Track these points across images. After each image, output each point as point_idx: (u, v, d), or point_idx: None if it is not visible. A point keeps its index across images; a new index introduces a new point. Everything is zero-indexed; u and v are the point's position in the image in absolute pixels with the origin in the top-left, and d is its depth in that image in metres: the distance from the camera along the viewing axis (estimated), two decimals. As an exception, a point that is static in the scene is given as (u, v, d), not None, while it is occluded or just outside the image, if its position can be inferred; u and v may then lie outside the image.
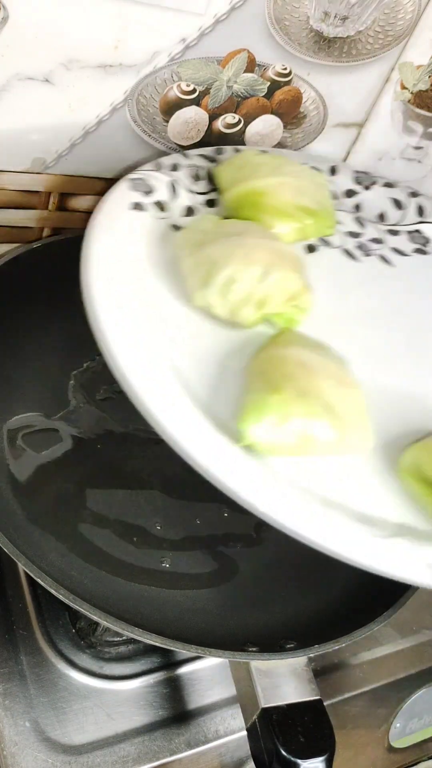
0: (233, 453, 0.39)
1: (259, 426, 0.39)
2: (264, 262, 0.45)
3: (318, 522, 0.37)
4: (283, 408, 0.39)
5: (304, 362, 0.42)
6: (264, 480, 0.39)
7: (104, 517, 0.49)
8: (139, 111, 0.54)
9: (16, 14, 0.45)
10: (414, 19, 0.55)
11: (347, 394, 0.42)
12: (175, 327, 0.46)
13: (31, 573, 0.40)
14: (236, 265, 0.45)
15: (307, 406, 0.40)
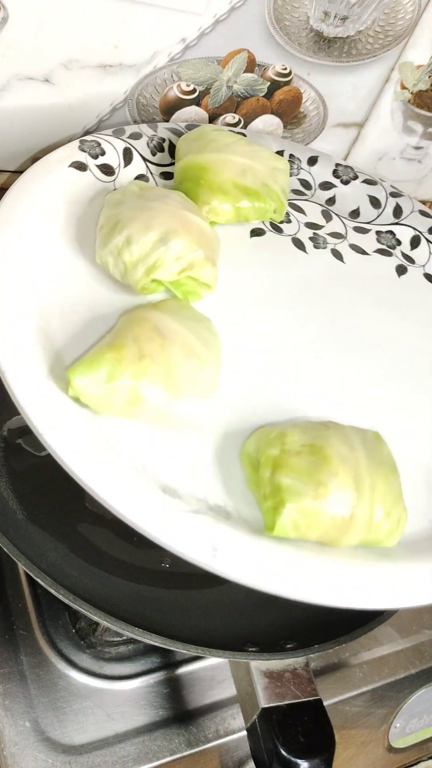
0: (57, 402, 0.39)
1: (85, 378, 0.39)
2: (164, 228, 0.45)
3: (118, 484, 0.37)
4: (115, 365, 0.39)
5: (161, 328, 0.42)
6: (78, 434, 0.38)
7: (104, 517, 0.49)
8: (139, 111, 0.54)
9: (16, 14, 0.45)
10: (414, 19, 0.55)
11: (193, 368, 0.41)
12: (68, 280, 0.46)
13: (31, 573, 0.40)
14: (135, 227, 0.45)
15: (141, 369, 0.39)
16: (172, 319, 0.43)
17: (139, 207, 0.46)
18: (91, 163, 0.51)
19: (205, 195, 0.50)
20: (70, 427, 0.38)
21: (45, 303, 0.43)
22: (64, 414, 0.38)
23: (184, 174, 0.52)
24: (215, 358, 0.43)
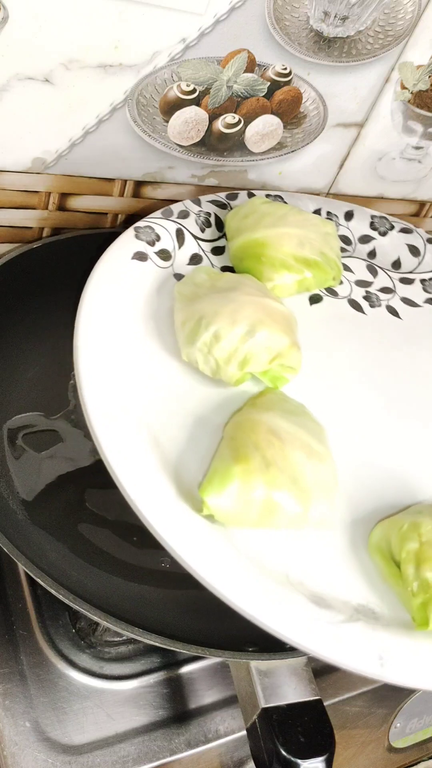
0: (192, 523, 0.38)
1: (220, 496, 0.38)
2: (250, 320, 0.45)
3: (271, 605, 0.36)
4: (245, 478, 0.38)
5: (276, 430, 0.41)
6: (219, 554, 0.37)
7: (104, 517, 0.49)
8: (139, 111, 0.54)
9: (16, 14, 0.45)
10: (414, 19, 0.55)
11: (316, 467, 0.41)
12: (160, 383, 0.45)
13: (31, 573, 0.40)
14: (222, 322, 0.44)
15: (271, 478, 0.39)
16: (279, 417, 0.43)
17: (218, 300, 0.46)
18: (150, 252, 0.51)
19: (268, 272, 0.51)
20: (210, 549, 0.37)
21: (146, 414, 0.43)
22: (200, 536, 0.38)
23: (244, 252, 0.52)
24: (329, 451, 0.43)
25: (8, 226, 0.58)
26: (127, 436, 0.40)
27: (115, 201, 0.61)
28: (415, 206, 0.74)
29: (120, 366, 0.44)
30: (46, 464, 0.51)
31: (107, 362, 0.44)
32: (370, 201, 0.71)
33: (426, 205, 0.74)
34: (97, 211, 0.61)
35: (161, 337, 0.48)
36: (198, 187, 0.62)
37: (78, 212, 0.60)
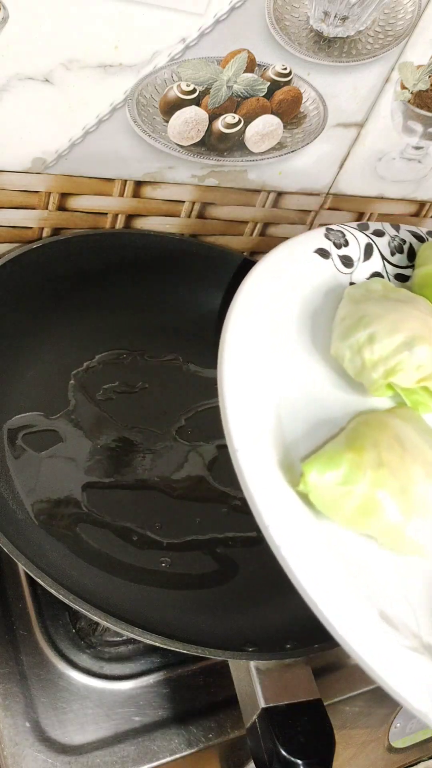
0: (284, 495, 0.36)
1: (322, 475, 0.36)
2: (412, 333, 0.42)
3: (337, 598, 0.34)
4: (354, 468, 0.37)
5: (403, 439, 0.39)
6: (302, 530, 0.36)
7: (104, 517, 0.49)
8: (139, 111, 0.54)
9: (16, 14, 0.45)
10: (414, 19, 0.55)
11: (431, 488, 0.38)
12: (300, 380, 0.44)
13: (31, 573, 0.40)
14: (382, 325, 0.43)
15: (380, 477, 0.37)
16: (412, 429, 0.41)
17: (386, 307, 0.45)
18: (334, 253, 0.51)
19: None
20: (295, 523, 0.36)
21: (279, 391, 0.42)
22: (290, 508, 0.36)
23: (426, 279, 0.51)
24: None
25: (8, 226, 0.58)
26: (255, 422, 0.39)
27: (115, 201, 0.61)
28: (415, 206, 0.74)
29: (264, 354, 0.43)
30: (46, 464, 0.51)
31: (253, 343, 0.43)
32: (370, 201, 0.71)
33: (426, 205, 0.74)
34: (97, 211, 0.61)
35: (313, 335, 0.47)
36: (198, 187, 0.62)
37: (78, 212, 0.60)
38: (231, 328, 0.42)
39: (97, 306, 0.61)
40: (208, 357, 0.63)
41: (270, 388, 0.42)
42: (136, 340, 0.61)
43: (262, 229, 0.69)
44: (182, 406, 0.58)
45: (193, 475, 0.54)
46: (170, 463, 0.54)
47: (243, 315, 0.43)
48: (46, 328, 0.58)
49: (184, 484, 0.54)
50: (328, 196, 0.68)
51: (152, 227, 0.64)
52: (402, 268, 0.54)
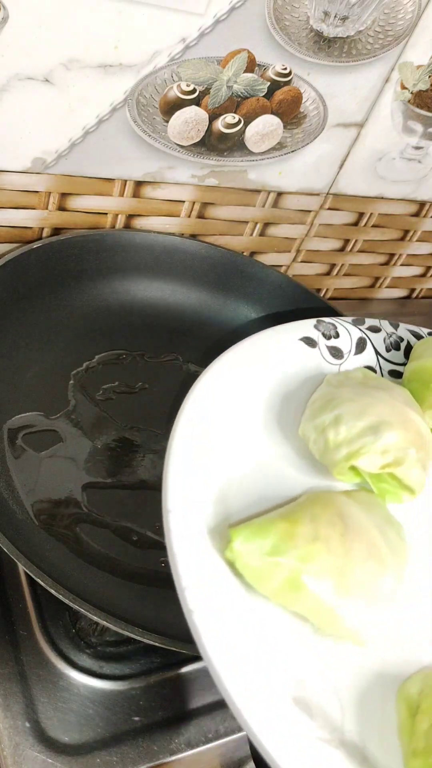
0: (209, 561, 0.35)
1: (248, 544, 0.35)
2: (378, 418, 0.41)
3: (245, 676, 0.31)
4: (284, 539, 0.35)
5: (347, 516, 0.37)
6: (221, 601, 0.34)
7: (104, 517, 0.49)
8: (139, 111, 0.54)
9: (16, 14, 0.45)
10: (414, 19, 0.55)
11: (373, 571, 0.36)
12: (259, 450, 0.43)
13: (31, 573, 0.40)
14: (349, 408, 0.42)
15: (312, 552, 0.35)
16: (361, 510, 0.39)
17: (359, 392, 0.45)
18: (321, 342, 0.52)
19: (430, 397, 0.48)
20: (216, 591, 0.34)
21: (233, 464, 0.41)
22: (211, 574, 0.34)
23: (414, 374, 0.51)
24: (398, 568, 0.38)
25: (8, 226, 0.58)
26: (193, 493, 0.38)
27: (115, 201, 0.61)
28: (415, 206, 0.74)
29: (224, 426, 0.42)
30: (46, 464, 0.50)
31: (213, 414, 0.42)
32: (370, 201, 0.71)
33: (426, 205, 0.74)
34: (97, 211, 0.61)
35: (285, 416, 0.46)
36: (198, 187, 0.62)
37: (78, 212, 0.60)
38: (193, 397, 0.42)
39: (97, 306, 0.61)
40: (208, 357, 0.63)
41: (222, 460, 0.41)
42: (136, 340, 0.61)
43: (262, 229, 0.69)
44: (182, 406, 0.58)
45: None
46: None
47: (210, 385, 0.43)
48: (46, 328, 0.58)
49: (184, 484, 0.54)
50: (328, 196, 0.68)
51: (152, 227, 0.64)
52: (397, 364, 0.53)
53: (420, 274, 0.84)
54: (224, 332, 0.65)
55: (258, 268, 0.66)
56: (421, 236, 0.78)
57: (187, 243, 0.64)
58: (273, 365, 0.48)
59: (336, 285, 0.80)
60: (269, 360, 0.48)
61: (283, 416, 0.46)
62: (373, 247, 0.77)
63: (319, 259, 0.75)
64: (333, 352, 0.52)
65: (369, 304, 0.84)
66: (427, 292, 0.88)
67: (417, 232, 0.77)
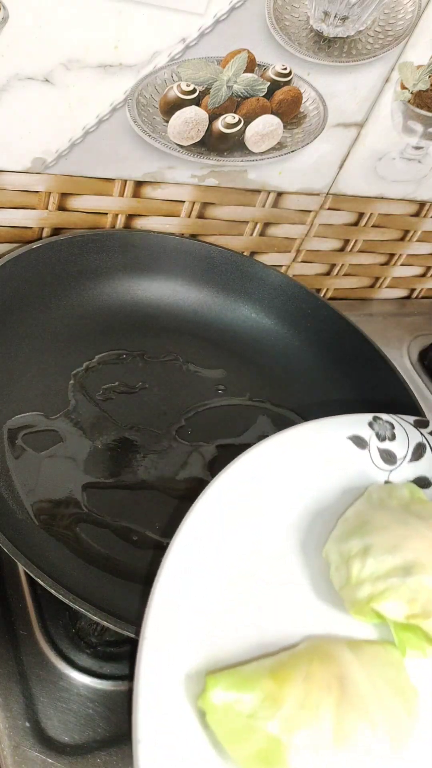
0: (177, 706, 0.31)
1: (226, 696, 0.30)
2: (415, 556, 0.36)
3: None
4: (269, 701, 0.30)
5: (348, 681, 0.32)
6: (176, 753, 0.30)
7: (104, 517, 0.49)
8: (139, 111, 0.54)
9: (16, 14, 0.45)
10: (414, 19, 0.55)
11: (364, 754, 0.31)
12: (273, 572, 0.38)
13: (31, 573, 0.40)
14: (382, 538, 0.37)
15: (297, 722, 0.30)
16: (366, 674, 0.33)
17: (398, 518, 0.39)
18: (373, 444, 0.46)
19: None
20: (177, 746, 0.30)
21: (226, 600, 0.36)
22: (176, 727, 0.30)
23: None
24: (397, 748, 0.32)
25: (8, 226, 0.58)
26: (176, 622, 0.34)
27: (115, 201, 0.61)
28: (415, 206, 0.74)
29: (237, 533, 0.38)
30: (46, 464, 0.50)
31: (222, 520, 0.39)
32: (370, 201, 0.71)
33: (426, 205, 0.74)
34: (97, 211, 0.61)
35: (309, 531, 0.41)
36: (198, 187, 0.62)
37: (78, 212, 0.60)
38: (208, 494, 0.39)
39: (97, 306, 0.61)
40: (208, 357, 0.63)
41: (221, 581, 0.37)
42: (136, 340, 0.61)
43: (262, 229, 0.69)
44: (182, 406, 0.58)
45: (193, 475, 0.54)
46: (170, 463, 0.54)
47: (231, 481, 0.40)
48: (46, 328, 0.58)
49: (184, 484, 0.54)
50: (328, 196, 0.68)
51: (152, 227, 0.64)
52: None
53: (420, 274, 0.84)
54: (224, 332, 0.65)
55: (258, 268, 0.66)
56: (421, 236, 0.78)
57: (187, 243, 0.64)
58: (311, 466, 0.43)
59: (336, 285, 0.80)
60: (307, 459, 0.43)
61: (311, 530, 0.41)
62: (373, 247, 0.77)
63: (319, 259, 0.76)
64: (384, 456, 0.46)
65: (369, 304, 0.84)
66: (427, 292, 0.88)
67: (417, 232, 0.77)
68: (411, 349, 0.81)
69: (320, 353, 0.65)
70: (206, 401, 0.59)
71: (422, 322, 0.85)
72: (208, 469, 0.55)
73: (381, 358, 0.62)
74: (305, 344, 0.66)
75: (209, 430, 0.57)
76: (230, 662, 0.34)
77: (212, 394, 0.60)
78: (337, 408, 0.63)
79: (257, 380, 0.63)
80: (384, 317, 0.84)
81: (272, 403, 0.62)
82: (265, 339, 0.66)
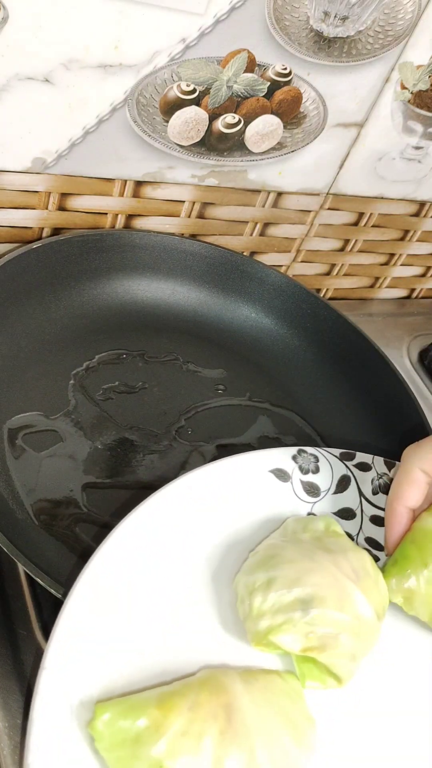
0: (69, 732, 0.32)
1: (113, 724, 0.31)
2: (313, 589, 0.37)
3: None
4: (153, 729, 0.31)
5: (235, 710, 0.32)
6: None
7: (104, 517, 0.49)
8: (139, 111, 0.54)
9: (16, 14, 0.45)
10: (414, 19, 0.55)
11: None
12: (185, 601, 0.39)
13: (30, 573, 0.40)
14: (286, 572, 0.37)
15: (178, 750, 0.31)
16: (255, 705, 0.33)
17: (306, 551, 0.39)
18: (296, 477, 0.46)
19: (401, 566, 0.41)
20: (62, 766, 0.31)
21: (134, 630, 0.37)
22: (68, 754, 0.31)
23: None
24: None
25: (8, 226, 0.58)
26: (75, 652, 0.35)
27: (115, 201, 0.61)
28: (415, 206, 0.74)
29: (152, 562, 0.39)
30: (46, 464, 0.51)
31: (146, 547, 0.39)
32: (370, 201, 0.71)
33: (426, 205, 0.74)
34: (97, 211, 0.61)
35: (223, 563, 0.41)
36: (198, 187, 0.62)
37: (78, 212, 0.60)
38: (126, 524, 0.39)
39: (97, 306, 0.61)
40: (208, 357, 0.63)
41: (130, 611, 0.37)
42: (136, 340, 0.61)
43: (262, 229, 0.69)
44: (182, 406, 0.58)
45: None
46: (170, 463, 0.54)
47: (148, 513, 0.40)
48: (46, 328, 0.58)
49: (184, 484, 0.54)
50: (328, 196, 0.68)
51: (152, 227, 0.64)
52: (381, 509, 0.47)
53: (420, 274, 0.84)
54: (224, 332, 0.65)
55: (258, 268, 0.66)
56: (421, 236, 0.78)
57: (187, 243, 0.64)
58: (231, 499, 0.43)
59: (336, 285, 0.80)
60: (228, 492, 0.43)
61: (226, 561, 0.41)
62: (373, 247, 0.77)
63: (319, 259, 0.76)
64: (308, 488, 0.46)
65: (369, 304, 0.84)
66: (427, 292, 0.88)
67: (417, 232, 0.77)
68: (411, 349, 0.81)
69: (320, 353, 0.65)
70: (206, 401, 0.60)
71: (422, 322, 0.85)
72: (208, 469, 0.55)
73: (381, 358, 0.62)
74: (305, 344, 0.66)
75: (209, 430, 0.57)
76: (127, 691, 0.35)
77: (212, 394, 0.60)
78: (337, 408, 0.63)
79: (257, 380, 0.63)
80: (384, 317, 0.84)
81: (272, 403, 0.62)
82: (265, 339, 0.66)
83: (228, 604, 0.40)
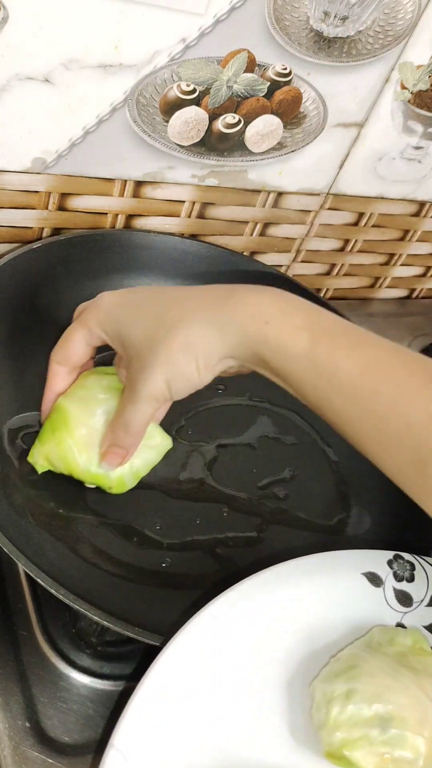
0: None
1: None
2: (394, 710, 0.36)
3: None
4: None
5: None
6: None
7: (104, 517, 0.49)
8: (139, 111, 0.54)
9: (16, 14, 0.45)
10: (414, 19, 0.55)
11: None
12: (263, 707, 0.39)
13: (31, 573, 0.40)
14: (367, 685, 0.37)
15: None
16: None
17: (388, 667, 0.38)
18: (389, 583, 0.45)
19: None
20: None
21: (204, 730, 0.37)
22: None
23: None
24: None
25: (8, 226, 0.58)
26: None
27: (115, 201, 0.61)
28: (415, 206, 0.74)
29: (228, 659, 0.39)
30: (46, 464, 0.50)
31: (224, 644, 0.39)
32: (370, 201, 0.71)
33: (426, 205, 0.74)
34: (97, 211, 0.61)
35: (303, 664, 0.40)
36: (198, 187, 0.62)
37: (78, 212, 0.60)
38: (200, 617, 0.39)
39: (97, 306, 0.61)
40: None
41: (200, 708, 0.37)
42: (136, 340, 0.61)
43: (262, 229, 0.69)
44: (182, 406, 0.58)
45: (193, 475, 0.54)
46: (170, 463, 0.54)
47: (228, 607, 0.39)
48: (46, 328, 0.58)
49: (184, 484, 0.54)
50: (328, 196, 0.68)
51: (152, 227, 0.64)
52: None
53: (420, 274, 0.84)
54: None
55: (258, 268, 0.66)
56: (421, 236, 0.78)
57: (187, 243, 0.64)
58: (320, 597, 0.42)
59: (336, 285, 0.80)
60: (317, 590, 0.42)
61: (306, 663, 0.41)
62: (373, 247, 0.77)
63: (319, 259, 0.76)
64: (400, 597, 0.44)
65: (369, 304, 0.84)
66: (427, 292, 0.88)
67: (417, 232, 0.77)
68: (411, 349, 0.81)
69: (320, 353, 0.65)
70: (206, 401, 0.59)
71: (422, 322, 0.85)
72: (208, 469, 0.55)
73: (381, 358, 0.62)
74: (305, 344, 0.66)
75: (209, 430, 0.57)
76: None
77: (212, 393, 0.60)
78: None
79: (257, 380, 0.63)
80: (384, 317, 0.84)
81: (272, 403, 0.62)
82: (265, 339, 0.66)
83: (301, 708, 0.39)
